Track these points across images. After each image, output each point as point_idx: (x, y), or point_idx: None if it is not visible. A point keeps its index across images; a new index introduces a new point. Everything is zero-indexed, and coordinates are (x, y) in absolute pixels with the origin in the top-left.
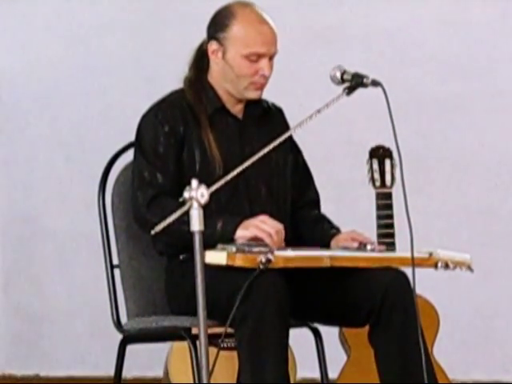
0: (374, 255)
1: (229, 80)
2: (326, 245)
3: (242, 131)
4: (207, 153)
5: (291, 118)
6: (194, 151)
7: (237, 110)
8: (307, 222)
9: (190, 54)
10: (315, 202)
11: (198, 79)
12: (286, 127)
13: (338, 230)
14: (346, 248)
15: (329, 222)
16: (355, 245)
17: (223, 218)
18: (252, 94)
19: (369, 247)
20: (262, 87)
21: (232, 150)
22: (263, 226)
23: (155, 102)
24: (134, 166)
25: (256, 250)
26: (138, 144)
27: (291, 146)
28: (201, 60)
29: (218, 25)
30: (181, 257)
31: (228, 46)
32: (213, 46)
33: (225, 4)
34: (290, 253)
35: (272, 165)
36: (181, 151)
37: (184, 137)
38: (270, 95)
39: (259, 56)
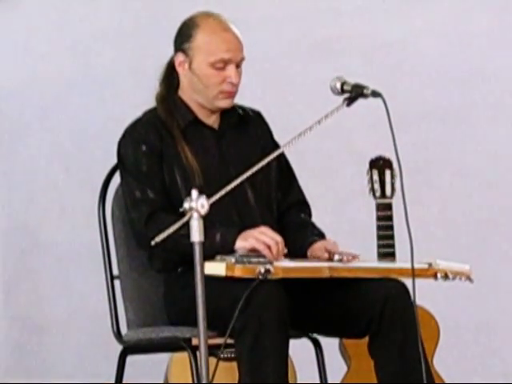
0: (373, 266)
1: (198, 91)
2: (304, 253)
3: (219, 141)
4: (185, 166)
5: (291, 128)
6: (173, 166)
7: (212, 120)
8: (290, 227)
9: (158, 70)
10: (300, 202)
11: (169, 95)
12: (267, 129)
13: (321, 237)
14: (317, 258)
15: (311, 227)
16: (326, 255)
17: (222, 229)
18: (222, 103)
19: (336, 257)
20: (231, 95)
21: (210, 161)
22: (262, 238)
23: (129, 124)
24: (123, 188)
25: (255, 260)
26: (122, 167)
27: (274, 147)
28: (171, 75)
29: (183, 36)
30: (179, 269)
31: (194, 56)
32: (179, 57)
33: (189, 16)
34: (290, 263)
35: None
36: (162, 167)
37: (162, 154)
38: (270, 105)
39: (225, 63)
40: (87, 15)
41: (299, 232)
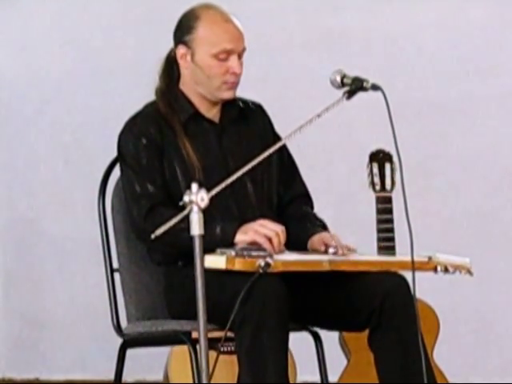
0: (373, 259)
1: (200, 82)
2: (305, 245)
3: (220, 134)
4: (186, 160)
5: (292, 121)
6: (173, 160)
7: (212, 114)
8: (292, 220)
9: (158, 63)
10: (303, 195)
11: (169, 88)
12: (268, 122)
13: (323, 227)
14: (315, 251)
15: (313, 219)
16: (323, 248)
17: (222, 222)
18: (225, 94)
19: (330, 250)
20: (234, 86)
21: (211, 155)
22: (262, 230)
23: (130, 117)
24: (123, 182)
25: (255, 253)
26: (121, 160)
27: (275, 140)
28: (170, 68)
29: (184, 28)
30: (179, 263)
31: (196, 48)
32: (181, 50)
33: (189, 8)
34: (290, 257)
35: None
36: (162, 161)
37: (162, 147)
38: (270, 98)
39: (228, 54)
40: (87, 8)
41: (301, 224)
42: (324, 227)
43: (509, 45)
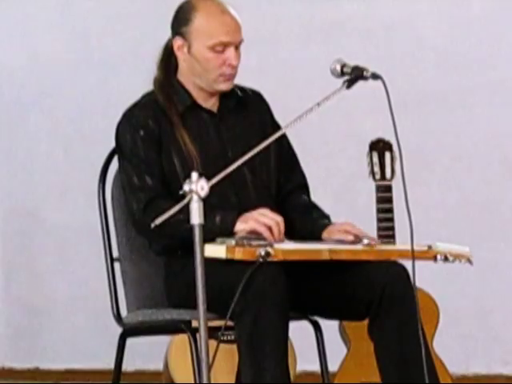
0: (373, 248)
1: (197, 74)
2: (317, 236)
3: (218, 124)
4: (184, 151)
5: (291, 111)
6: (172, 151)
7: (210, 104)
8: (297, 210)
9: (157, 53)
10: (302, 185)
11: (167, 79)
12: (267, 110)
13: (328, 220)
14: (340, 241)
15: (319, 209)
16: (350, 238)
17: (221, 212)
18: (222, 86)
19: (365, 241)
20: (231, 78)
21: (209, 145)
22: (262, 219)
23: (128, 107)
24: (121, 174)
25: (255, 243)
26: (119, 152)
27: (274, 129)
28: (168, 59)
29: (181, 20)
30: (179, 252)
31: (192, 40)
32: (177, 41)
33: None
34: (290, 245)
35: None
36: (160, 152)
37: (160, 139)
38: (270, 88)
39: (225, 46)
40: None
41: (308, 214)
42: (328, 218)
43: (508, 35)
